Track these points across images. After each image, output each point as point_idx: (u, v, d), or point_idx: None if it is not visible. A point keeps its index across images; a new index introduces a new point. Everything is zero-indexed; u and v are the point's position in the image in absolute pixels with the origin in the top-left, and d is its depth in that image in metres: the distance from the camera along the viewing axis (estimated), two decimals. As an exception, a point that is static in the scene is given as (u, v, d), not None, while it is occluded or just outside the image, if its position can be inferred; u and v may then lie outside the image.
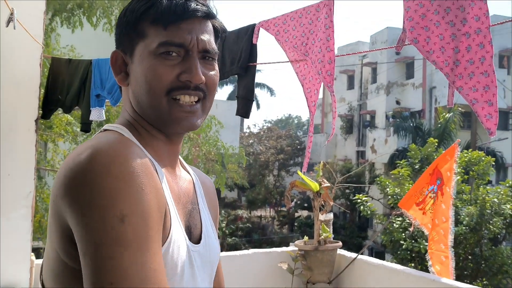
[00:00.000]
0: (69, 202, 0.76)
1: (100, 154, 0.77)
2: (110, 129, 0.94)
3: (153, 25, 0.91)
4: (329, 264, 3.75)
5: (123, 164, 0.77)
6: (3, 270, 2.75)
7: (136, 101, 0.95)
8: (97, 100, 3.10)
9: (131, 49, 0.94)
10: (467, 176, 9.75)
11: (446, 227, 3.25)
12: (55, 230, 0.81)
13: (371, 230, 22.67)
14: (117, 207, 0.73)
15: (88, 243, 0.73)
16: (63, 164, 0.83)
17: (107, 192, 0.74)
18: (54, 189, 0.82)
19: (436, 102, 23.40)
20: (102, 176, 0.75)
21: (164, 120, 0.93)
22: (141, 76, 0.91)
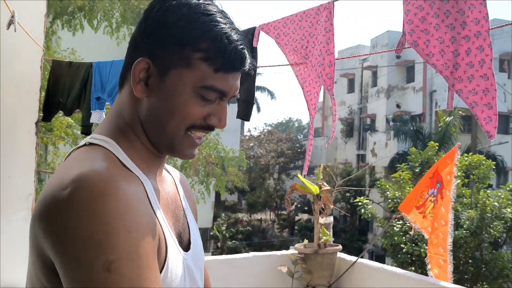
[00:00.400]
0: (51, 242, 0.71)
1: (83, 192, 0.70)
2: (95, 143, 0.86)
3: (204, 62, 0.84)
4: (329, 268, 3.75)
5: (110, 204, 0.70)
6: (3, 271, 2.74)
7: (148, 117, 0.88)
8: (97, 103, 3.11)
9: (165, 67, 0.85)
10: (468, 179, 9.75)
11: (445, 230, 3.25)
12: (37, 259, 0.77)
13: (371, 233, 22.65)
14: (102, 255, 0.68)
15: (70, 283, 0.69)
16: (44, 191, 0.76)
17: (90, 240, 0.68)
18: (34, 217, 0.76)
19: (437, 105, 23.42)
20: (86, 218, 0.68)
21: (170, 147, 0.90)
22: (168, 102, 0.85)
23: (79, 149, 0.87)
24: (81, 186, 0.71)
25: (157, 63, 0.85)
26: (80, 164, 0.77)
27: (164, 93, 0.85)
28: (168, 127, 0.87)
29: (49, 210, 0.72)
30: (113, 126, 0.90)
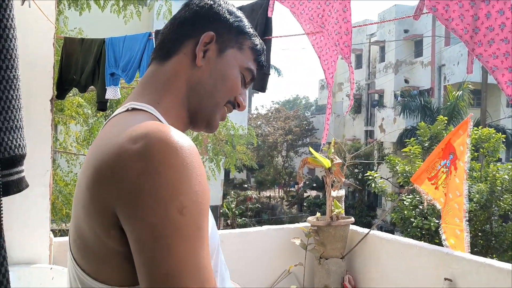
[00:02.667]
0: (123, 193, 0.75)
1: (158, 145, 0.76)
2: (141, 109, 0.92)
3: (251, 50, 1.05)
4: (342, 239, 3.79)
5: (182, 155, 0.76)
6: (23, 247, 2.80)
7: (196, 84, 0.99)
8: (111, 79, 3.12)
9: (225, 45, 1.01)
10: (477, 153, 9.72)
11: (460, 201, 3.26)
12: (95, 214, 0.80)
13: (380, 209, 22.75)
14: (177, 199, 0.74)
15: (147, 234, 0.73)
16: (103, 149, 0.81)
17: (168, 185, 0.74)
18: (98, 173, 0.79)
19: (445, 80, 23.20)
20: (163, 168, 0.74)
21: (204, 117, 1.02)
22: (222, 75, 1.00)
23: (124, 113, 0.92)
24: (154, 139, 0.76)
25: (219, 40, 1.00)
26: (139, 124, 0.82)
27: (219, 66, 1.00)
28: (217, 94, 1.00)
29: (121, 159, 0.76)
30: (151, 94, 0.98)
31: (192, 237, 0.75)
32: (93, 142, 0.91)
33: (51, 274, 2.71)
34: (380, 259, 3.61)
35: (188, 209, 0.74)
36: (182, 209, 0.74)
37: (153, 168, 0.74)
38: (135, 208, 0.74)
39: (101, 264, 0.82)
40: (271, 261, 3.78)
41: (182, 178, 0.75)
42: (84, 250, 0.85)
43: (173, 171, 0.75)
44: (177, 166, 0.75)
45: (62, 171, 8.50)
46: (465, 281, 2.91)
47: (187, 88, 0.99)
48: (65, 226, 9.58)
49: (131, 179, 0.74)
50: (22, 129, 0.97)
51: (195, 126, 1.04)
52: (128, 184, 0.74)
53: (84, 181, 0.83)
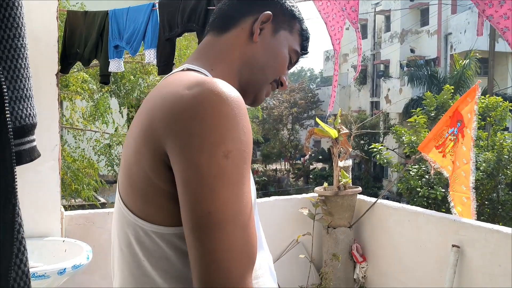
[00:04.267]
0: (174, 133, 0.81)
1: (211, 93, 0.81)
2: (197, 70, 0.99)
3: (299, 35, 1.12)
4: (349, 209, 3.82)
5: (232, 105, 0.82)
6: (35, 220, 2.85)
7: (249, 58, 1.05)
8: (115, 51, 3.10)
9: (278, 26, 1.08)
10: (484, 122, 9.66)
11: (467, 169, 3.26)
12: (148, 155, 0.85)
13: (386, 180, 22.80)
14: (224, 144, 0.79)
15: (192, 174, 0.79)
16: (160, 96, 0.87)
17: (216, 129, 0.79)
18: (153, 117, 0.85)
19: (452, 49, 22.90)
20: (213, 114, 0.80)
21: (252, 91, 1.08)
22: (274, 53, 1.07)
23: (179, 72, 0.98)
24: (207, 87, 0.82)
25: (274, 21, 1.07)
26: (195, 77, 0.89)
27: (272, 44, 1.07)
28: (267, 70, 1.07)
29: (175, 105, 0.82)
30: (205, 62, 1.04)
31: (235, 182, 0.79)
32: (148, 95, 0.96)
33: (64, 247, 2.76)
34: (387, 227, 3.64)
35: (233, 154, 0.79)
36: (227, 154, 0.79)
37: (204, 113, 0.80)
38: (184, 149, 0.79)
39: (146, 203, 0.88)
40: (279, 231, 3.82)
41: (229, 125, 0.80)
42: (131, 189, 0.90)
43: (221, 118, 0.80)
44: (225, 114, 0.80)
45: (69, 146, 8.55)
46: (473, 247, 2.93)
47: (241, 61, 1.05)
48: (75, 201, 9.70)
49: (183, 121, 0.80)
50: (31, 98, 0.97)
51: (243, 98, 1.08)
52: (180, 125, 0.80)
53: (138, 126, 0.90)
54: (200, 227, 0.78)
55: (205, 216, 0.77)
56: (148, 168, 0.85)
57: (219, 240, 0.77)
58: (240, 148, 0.81)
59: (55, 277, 2.28)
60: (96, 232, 3.20)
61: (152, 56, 3.00)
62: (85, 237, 3.00)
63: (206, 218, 0.77)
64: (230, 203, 0.79)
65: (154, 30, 2.95)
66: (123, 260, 0.94)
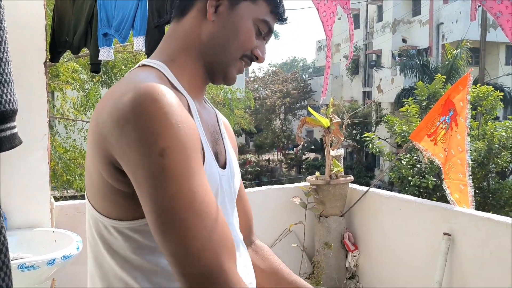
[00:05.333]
0: (116, 139, 0.85)
1: (141, 96, 0.84)
2: (149, 65, 1.00)
3: (265, 2, 1.05)
4: (341, 198, 3.82)
5: (162, 104, 0.84)
6: (24, 211, 2.81)
7: (211, 40, 1.03)
8: (104, 39, 3.05)
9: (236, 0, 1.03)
10: (475, 111, 9.70)
11: (462, 156, 3.27)
12: (99, 158, 0.90)
13: (378, 169, 22.90)
14: (156, 143, 0.81)
15: (139, 177, 0.83)
16: (106, 100, 0.92)
17: (147, 131, 0.82)
18: (98, 123, 0.90)
19: (444, 38, 22.92)
20: (145, 116, 0.83)
21: (224, 67, 1.05)
22: (234, 28, 1.03)
23: (135, 69, 1.01)
24: (138, 92, 0.85)
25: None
26: (135, 79, 0.92)
27: (231, 19, 1.03)
28: (230, 47, 1.03)
29: (114, 111, 0.86)
30: (166, 52, 1.04)
31: (179, 176, 0.82)
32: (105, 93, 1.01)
33: (54, 237, 2.73)
34: (379, 216, 3.65)
35: (169, 151, 0.82)
36: (162, 152, 0.82)
37: (136, 117, 0.83)
38: (125, 153, 0.84)
39: (104, 200, 0.94)
40: (271, 220, 3.81)
41: (160, 124, 0.83)
42: (92, 187, 0.97)
43: (152, 118, 0.83)
44: (156, 114, 0.83)
45: (60, 137, 8.48)
46: (464, 235, 2.95)
47: (201, 43, 1.03)
48: (67, 192, 9.64)
49: (121, 127, 0.84)
50: (12, 83, 0.94)
51: (213, 79, 1.09)
52: (119, 131, 0.84)
53: (91, 128, 0.94)
54: (161, 225, 0.81)
55: (162, 213, 0.81)
56: (102, 169, 0.91)
57: (182, 233, 0.80)
58: (177, 144, 0.83)
59: (44, 267, 2.25)
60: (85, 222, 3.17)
61: (141, 44, 2.96)
62: (75, 227, 2.97)
63: (163, 215, 0.81)
64: (179, 196, 0.81)
65: (143, 17, 2.91)
66: (90, 249, 1.00)
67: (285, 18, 1.10)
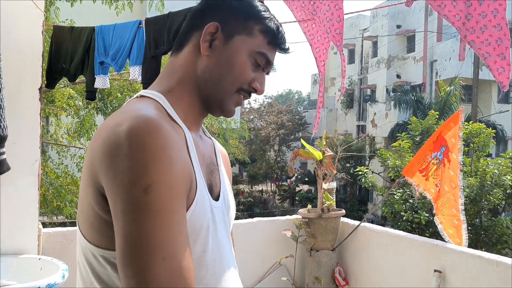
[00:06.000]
0: (105, 168, 0.85)
1: (136, 129, 0.83)
2: (146, 96, 1.01)
3: (262, 34, 1.04)
4: (333, 231, 3.80)
5: (156, 138, 0.84)
6: (11, 237, 2.77)
7: (206, 74, 1.03)
8: (101, 68, 3.08)
9: (230, 32, 1.03)
10: (468, 148, 9.77)
11: (456, 192, 3.28)
12: (90, 187, 0.90)
13: (371, 203, 22.84)
14: (143, 178, 0.81)
15: (118, 207, 0.82)
16: (102, 129, 0.92)
17: (136, 165, 0.81)
18: (92, 151, 0.90)
19: (437, 75, 23.27)
20: (136, 149, 0.82)
21: (220, 101, 1.05)
22: (229, 62, 1.02)
23: (133, 100, 1.02)
24: (132, 124, 0.84)
25: (225, 29, 1.03)
26: (132, 109, 0.92)
27: (226, 53, 1.03)
28: (225, 82, 1.03)
29: (107, 140, 0.86)
30: (164, 84, 1.05)
31: (157, 214, 0.81)
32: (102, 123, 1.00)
33: (40, 265, 2.69)
34: (370, 251, 3.62)
35: (154, 187, 0.81)
36: (147, 188, 0.80)
37: (127, 150, 0.82)
38: (111, 184, 0.84)
39: (92, 229, 0.94)
40: (262, 253, 3.77)
41: (150, 159, 0.82)
42: (82, 216, 0.97)
43: (143, 152, 0.82)
44: (148, 148, 0.82)
45: (53, 163, 8.44)
46: (454, 272, 2.93)
47: (196, 77, 1.03)
48: (56, 219, 9.53)
49: (110, 158, 0.84)
50: (3, 109, 0.95)
51: (211, 111, 1.09)
52: (108, 162, 0.84)
53: (86, 157, 0.94)
54: (125, 258, 0.80)
55: (129, 248, 0.80)
56: (91, 198, 0.90)
57: (142, 272, 0.79)
58: (164, 180, 0.82)
59: (29, 296, 2.21)
60: (74, 250, 3.10)
61: (137, 73, 2.99)
62: (62, 255, 2.93)
63: (130, 250, 0.80)
64: (152, 235, 0.80)
65: (139, 47, 2.95)
66: (80, 277, 1.01)
67: (285, 48, 1.10)
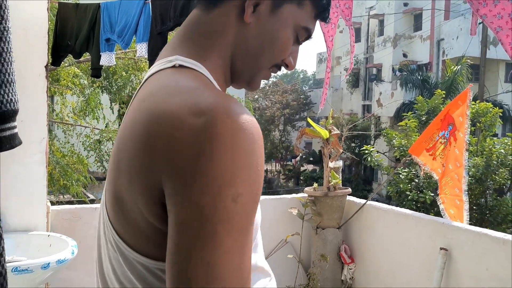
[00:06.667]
0: (176, 170, 0.67)
1: (223, 124, 0.67)
2: (188, 66, 0.82)
3: (312, 5, 0.90)
4: (339, 210, 3.81)
5: (248, 138, 0.69)
6: (20, 214, 2.80)
7: (241, 44, 0.87)
8: (107, 45, 3.06)
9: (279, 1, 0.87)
10: (474, 128, 9.72)
11: (460, 172, 3.27)
12: (140, 187, 0.72)
13: (376, 183, 22.88)
14: (234, 185, 0.67)
15: (192, 217, 0.66)
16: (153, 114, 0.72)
17: (227, 168, 0.66)
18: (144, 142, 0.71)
19: (444, 54, 23.04)
20: (225, 150, 0.67)
21: (250, 77, 0.92)
22: (272, 36, 0.87)
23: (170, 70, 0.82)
24: (219, 116, 0.68)
25: None
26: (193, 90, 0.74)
27: (271, 24, 0.87)
28: (262, 58, 0.89)
29: (177, 137, 0.68)
30: (198, 48, 0.86)
31: (241, 230, 0.68)
32: (136, 100, 0.81)
33: (49, 241, 2.72)
34: (376, 229, 3.64)
35: (242, 198, 0.67)
36: (237, 197, 0.67)
37: (213, 149, 0.66)
38: (186, 187, 0.67)
39: (140, 236, 0.76)
40: (268, 231, 3.79)
41: (242, 163, 0.68)
42: (122, 217, 0.78)
43: (234, 155, 0.67)
44: (239, 150, 0.68)
45: (59, 141, 8.47)
46: (460, 250, 2.94)
47: (232, 48, 0.87)
48: (63, 197, 9.60)
49: (188, 156, 0.67)
50: (14, 83, 0.94)
51: (236, 84, 0.95)
52: (184, 160, 0.67)
53: (131, 146, 0.74)
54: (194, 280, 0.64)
55: (204, 265, 0.65)
56: (141, 201, 0.73)
57: None
58: (251, 190, 0.69)
59: (39, 271, 2.24)
60: (82, 227, 3.16)
61: (144, 50, 2.97)
62: (71, 232, 2.96)
63: (205, 267, 0.64)
64: (233, 254, 0.66)
65: (146, 23, 2.92)
66: None
67: (329, 19, 0.98)
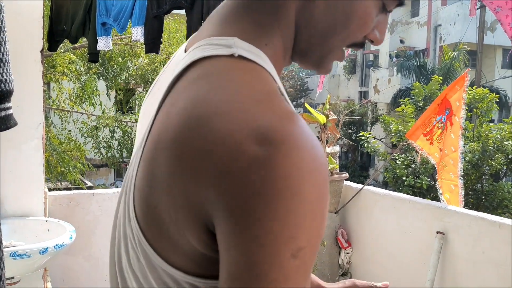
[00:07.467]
0: (228, 208, 0.54)
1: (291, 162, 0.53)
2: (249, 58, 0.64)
3: None
4: (336, 195, 3.83)
5: (318, 182, 0.55)
6: (18, 200, 2.80)
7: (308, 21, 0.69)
8: (103, 29, 3.04)
9: None
10: (470, 113, 9.75)
11: (455, 156, 3.27)
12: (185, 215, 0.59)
13: (372, 169, 22.96)
14: (296, 240, 0.54)
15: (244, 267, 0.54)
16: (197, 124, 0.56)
17: (290, 219, 0.53)
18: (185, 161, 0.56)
19: (441, 40, 22.99)
20: (291, 196, 0.53)
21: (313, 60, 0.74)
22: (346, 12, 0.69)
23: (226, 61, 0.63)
24: (287, 153, 0.53)
25: None
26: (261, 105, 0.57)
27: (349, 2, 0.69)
28: (335, 37, 0.71)
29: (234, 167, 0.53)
30: (255, 31, 0.68)
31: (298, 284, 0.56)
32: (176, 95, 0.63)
33: (47, 226, 2.72)
34: (373, 213, 3.65)
35: (303, 252, 0.55)
36: (297, 252, 0.55)
37: (277, 191, 0.53)
38: (240, 234, 0.54)
39: (175, 251, 0.63)
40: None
41: (308, 214, 0.55)
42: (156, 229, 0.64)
43: (302, 202, 0.54)
44: (307, 197, 0.54)
45: (55, 128, 8.44)
46: (457, 234, 2.96)
47: (296, 27, 0.70)
48: (60, 184, 9.60)
49: (244, 196, 0.53)
50: (8, 63, 0.92)
51: (302, 64, 0.77)
52: (238, 200, 0.53)
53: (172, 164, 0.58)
54: None
55: None
56: (186, 230, 0.60)
57: None
58: (314, 243, 0.57)
59: (37, 256, 2.25)
60: (80, 213, 3.16)
61: (140, 34, 2.95)
62: (68, 217, 2.96)
63: None
64: None
65: (141, 7, 2.89)
66: None
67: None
